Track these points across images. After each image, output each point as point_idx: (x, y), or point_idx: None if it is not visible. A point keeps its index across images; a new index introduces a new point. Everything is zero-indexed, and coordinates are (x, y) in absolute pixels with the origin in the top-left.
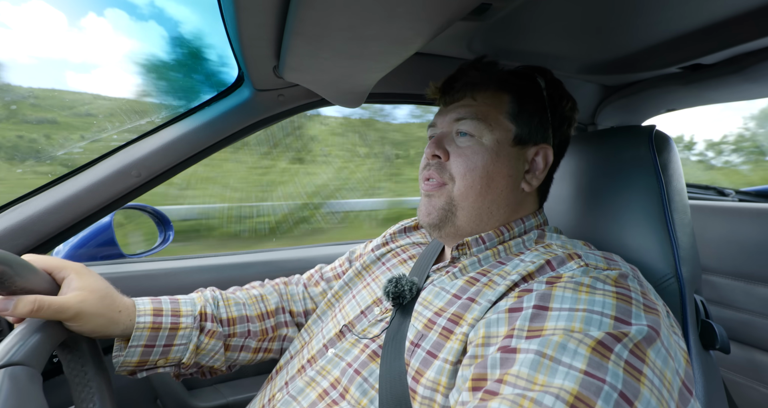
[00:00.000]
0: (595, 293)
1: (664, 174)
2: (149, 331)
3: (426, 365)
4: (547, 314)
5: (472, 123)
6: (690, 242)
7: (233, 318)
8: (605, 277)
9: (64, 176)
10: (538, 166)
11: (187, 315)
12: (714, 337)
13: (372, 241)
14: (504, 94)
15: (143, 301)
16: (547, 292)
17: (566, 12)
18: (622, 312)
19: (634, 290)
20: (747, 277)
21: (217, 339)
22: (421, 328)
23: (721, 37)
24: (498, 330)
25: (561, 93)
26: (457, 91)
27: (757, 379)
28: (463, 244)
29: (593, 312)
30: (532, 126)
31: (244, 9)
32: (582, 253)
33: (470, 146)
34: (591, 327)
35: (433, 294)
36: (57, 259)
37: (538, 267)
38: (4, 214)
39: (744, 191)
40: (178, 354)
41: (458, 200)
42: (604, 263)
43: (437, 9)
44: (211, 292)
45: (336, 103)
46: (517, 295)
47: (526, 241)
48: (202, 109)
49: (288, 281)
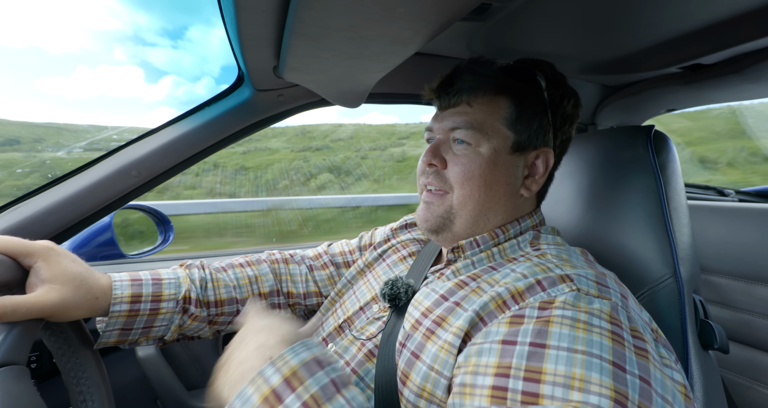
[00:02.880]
0: (592, 331)
1: (662, 174)
2: (125, 317)
3: (410, 367)
4: (545, 353)
5: (468, 132)
6: (688, 242)
7: (222, 300)
8: (600, 312)
9: (64, 176)
10: (538, 171)
11: (169, 299)
12: (713, 337)
13: (377, 229)
14: (501, 99)
15: (122, 284)
16: (543, 329)
17: (566, 12)
18: (618, 357)
19: (625, 328)
20: (747, 278)
21: (200, 321)
22: (409, 329)
23: (721, 37)
24: (489, 360)
25: (563, 91)
26: (453, 96)
27: (756, 379)
28: (458, 247)
29: (592, 355)
30: (532, 131)
31: (244, 9)
32: (575, 276)
33: (467, 155)
34: (592, 373)
35: (423, 295)
36: (19, 241)
37: (527, 286)
38: (4, 215)
39: (744, 191)
40: (159, 333)
41: (457, 208)
42: (595, 289)
43: (437, 9)
44: (199, 272)
45: (336, 103)
46: (509, 321)
47: (521, 243)
48: (202, 109)
49: (289, 259)
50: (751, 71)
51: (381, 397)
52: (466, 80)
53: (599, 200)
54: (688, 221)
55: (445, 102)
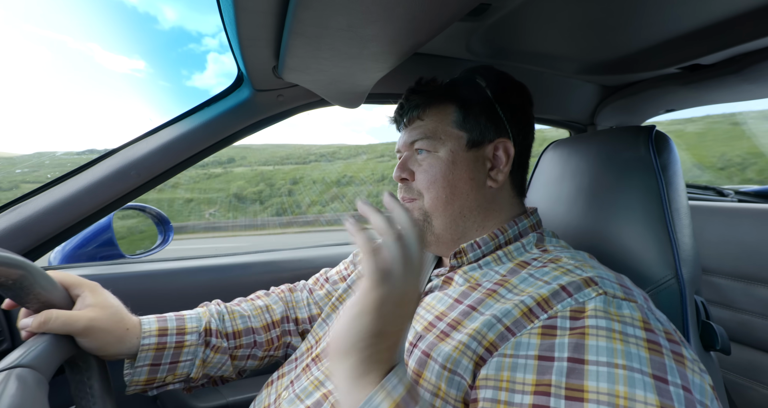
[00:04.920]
0: (628, 342)
1: (664, 175)
2: (154, 351)
3: (422, 366)
4: (585, 369)
5: (425, 142)
6: (690, 243)
7: (239, 331)
8: (632, 320)
9: (64, 176)
10: (501, 161)
11: (192, 332)
12: (715, 338)
13: None
14: (447, 106)
15: (149, 320)
16: (580, 342)
17: (565, 12)
18: (658, 368)
19: (659, 333)
20: (746, 278)
21: (222, 353)
22: (421, 330)
23: (720, 37)
24: (525, 376)
25: (504, 85)
26: (406, 116)
27: (756, 380)
28: (460, 252)
29: (633, 370)
30: (482, 126)
31: (244, 9)
32: (598, 278)
33: (428, 161)
34: (636, 391)
35: (436, 299)
36: (74, 276)
37: (552, 292)
38: (4, 215)
39: (743, 191)
40: (185, 369)
41: (430, 211)
42: (621, 292)
43: (436, 9)
44: (216, 306)
45: (335, 103)
46: (540, 332)
47: (526, 245)
48: (202, 109)
49: (293, 288)
50: (750, 71)
51: None
52: (413, 99)
53: (600, 200)
54: (689, 222)
55: (401, 122)
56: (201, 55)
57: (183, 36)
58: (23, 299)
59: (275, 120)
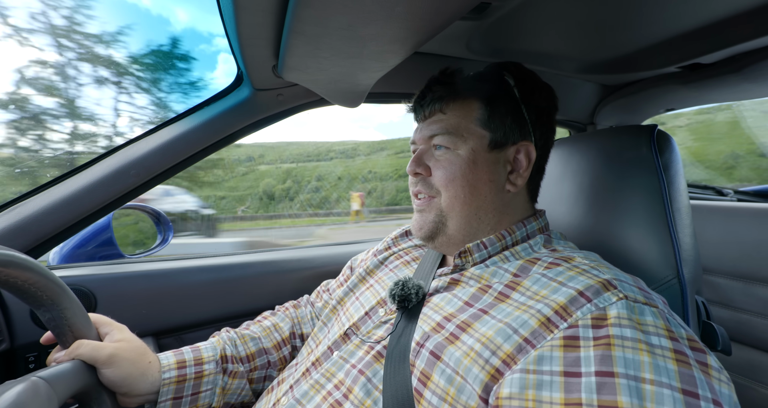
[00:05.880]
0: (655, 354)
1: (665, 174)
2: (175, 384)
3: (431, 367)
4: (615, 383)
5: (445, 137)
6: (691, 243)
7: (252, 353)
8: (656, 328)
9: (63, 176)
10: (521, 165)
11: (210, 361)
12: (716, 339)
13: (374, 247)
14: (472, 102)
15: (166, 355)
16: (606, 354)
17: (565, 11)
18: (688, 381)
19: (683, 341)
20: (745, 277)
21: (240, 378)
22: (429, 331)
23: (720, 36)
24: (552, 395)
25: (532, 85)
26: (427, 108)
27: (756, 380)
28: (465, 252)
29: (662, 385)
30: (507, 127)
31: (243, 9)
32: (616, 281)
33: (447, 158)
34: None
35: (444, 300)
36: (106, 318)
37: (569, 298)
38: (3, 214)
39: (742, 191)
40: (206, 399)
41: (447, 211)
42: (641, 296)
43: (436, 8)
44: (226, 333)
45: (335, 102)
46: (563, 344)
47: (534, 246)
48: (201, 108)
49: (297, 304)
50: (750, 71)
51: (390, 398)
52: (436, 91)
53: (601, 200)
54: (690, 222)
55: (421, 114)
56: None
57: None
58: (65, 336)
59: (275, 119)
